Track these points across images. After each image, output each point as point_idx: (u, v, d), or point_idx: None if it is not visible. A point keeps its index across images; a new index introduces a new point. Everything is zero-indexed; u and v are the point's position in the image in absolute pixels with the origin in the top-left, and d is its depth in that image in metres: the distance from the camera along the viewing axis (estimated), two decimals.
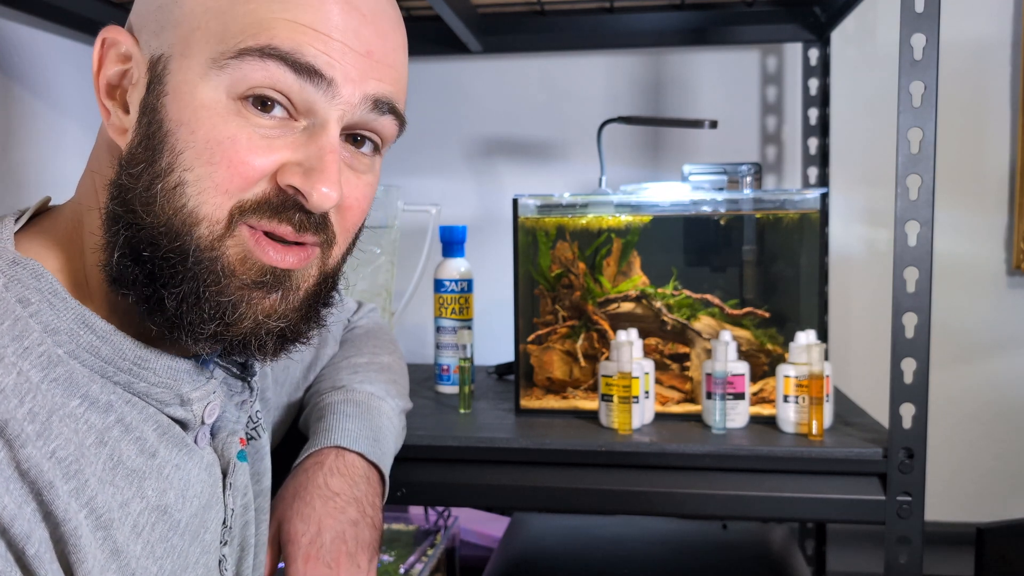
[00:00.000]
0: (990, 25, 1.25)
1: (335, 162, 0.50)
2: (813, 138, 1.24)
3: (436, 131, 1.39)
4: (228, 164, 0.48)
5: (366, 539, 0.64)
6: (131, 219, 0.48)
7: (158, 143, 0.48)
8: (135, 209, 0.48)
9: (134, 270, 0.48)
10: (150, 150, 0.48)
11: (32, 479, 0.44)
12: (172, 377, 0.52)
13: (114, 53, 0.50)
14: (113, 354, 0.49)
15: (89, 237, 0.51)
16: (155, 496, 0.51)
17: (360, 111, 0.52)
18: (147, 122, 0.49)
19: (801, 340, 0.88)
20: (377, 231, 1.07)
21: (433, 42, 1.29)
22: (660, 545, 1.15)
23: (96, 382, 0.49)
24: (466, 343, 0.97)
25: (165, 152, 0.48)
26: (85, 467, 0.47)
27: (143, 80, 0.49)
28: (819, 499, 0.82)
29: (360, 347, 0.82)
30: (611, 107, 1.33)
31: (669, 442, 0.85)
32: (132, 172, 0.49)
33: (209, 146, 0.48)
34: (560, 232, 1.00)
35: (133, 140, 0.49)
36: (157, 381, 0.51)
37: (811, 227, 0.95)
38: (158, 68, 0.49)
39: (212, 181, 0.48)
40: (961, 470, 1.29)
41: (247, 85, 0.48)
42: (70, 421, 0.47)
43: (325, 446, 0.68)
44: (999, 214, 1.27)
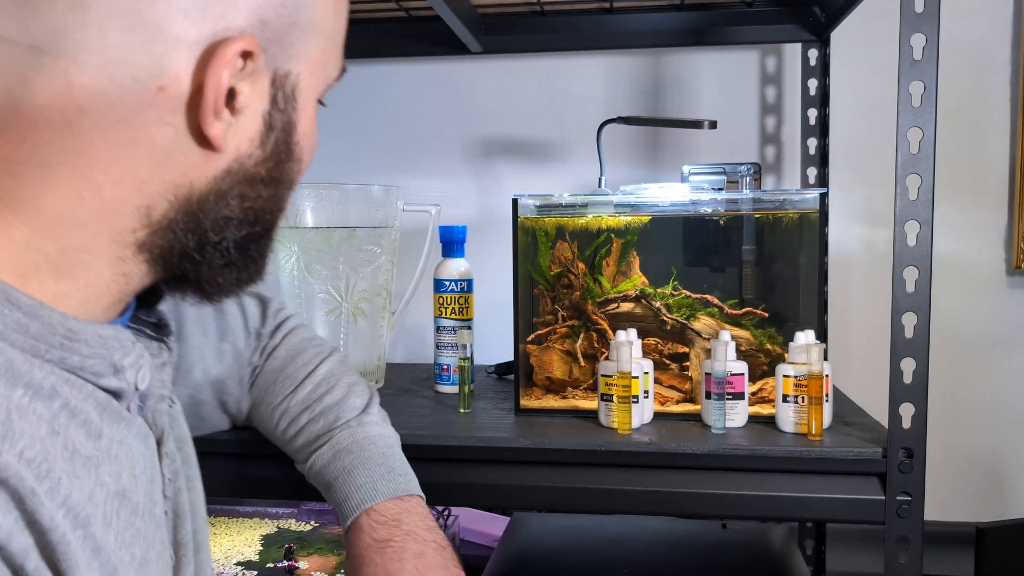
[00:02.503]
0: (990, 25, 1.25)
1: None
2: (812, 138, 1.24)
3: (436, 131, 1.39)
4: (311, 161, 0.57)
5: (437, 561, 0.68)
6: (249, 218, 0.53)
7: (286, 156, 0.53)
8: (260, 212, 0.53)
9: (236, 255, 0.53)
10: (280, 163, 0.53)
11: (12, 488, 0.42)
12: (103, 345, 0.49)
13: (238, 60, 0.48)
14: (42, 329, 0.46)
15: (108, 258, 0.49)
16: (112, 481, 0.48)
17: None
18: (275, 137, 0.52)
19: (800, 340, 0.88)
20: (377, 231, 1.07)
21: (433, 42, 1.29)
22: (660, 545, 1.15)
23: (34, 365, 0.46)
24: (466, 343, 0.97)
25: (294, 164, 0.54)
26: (53, 464, 0.44)
27: (265, 93, 0.50)
28: (818, 499, 0.82)
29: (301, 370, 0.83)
30: (611, 107, 1.33)
31: (668, 442, 0.85)
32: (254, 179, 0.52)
33: (313, 153, 0.57)
34: (560, 232, 1.00)
35: (256, 155, 0.51)
36: (90, 352, 0.48)
37: (810, 227, 0.96)
38: (288, 86, 0.52)
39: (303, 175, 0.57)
40: (961, 470, 1.29)
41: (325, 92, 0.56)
42: (24, 415, 0.44)
43: (353, 516, 0.71)
44: (999, 214, 1.27)
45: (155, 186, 0.48)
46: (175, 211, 0.49)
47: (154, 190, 0.48)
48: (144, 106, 0.46)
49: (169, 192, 0.48)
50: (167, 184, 0.48)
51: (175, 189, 0.49)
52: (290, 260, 1.07)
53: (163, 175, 0.48)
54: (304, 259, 1.05)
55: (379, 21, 1.29)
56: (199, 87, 0.47)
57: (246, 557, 1.09)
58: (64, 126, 0.45)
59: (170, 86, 0.46)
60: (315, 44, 0.52)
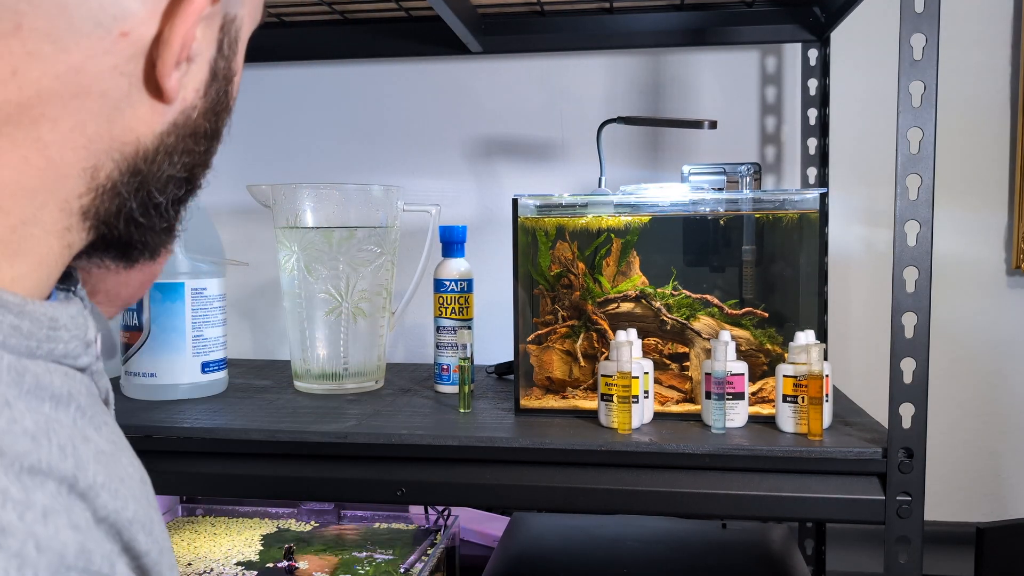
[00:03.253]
0: (990, 25, 1.25)
1: None
2: (812, 138, 1.24)
3: (436, 131, 1.39)
4: None
5: None
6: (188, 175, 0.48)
7: (224, 107, 0.48)
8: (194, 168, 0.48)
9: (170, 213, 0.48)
10: (219, 113, 0.48)
11: (111, 523, 0.39)
12: (77, 326, 0.46)
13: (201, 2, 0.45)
14: (32, 326, 0.43)
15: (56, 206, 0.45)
16: (134, 470, 0.45)
17: None
18: (217, 87, 0.47)
19: (800, 340, 0.88)
20: (377, 231, 1.07)
21: (433, 42, 1.29)
22: (660, 545, 1.15)
23: (41, 368, 0.42)
24: (466, 343, 0.97)
25: (228, 114, 0.49)
26: (110, 478, 0.41)
27: (213, 39, 0.46)
28: (818, 499, 0.82)
29: None
30: (611, 107, 1.33)
31: (668, 442, 0.85)
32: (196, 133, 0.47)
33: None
34: (560, 232, 1.00)
35: (200, 106, 0.47)
36: (70, 337, 0.45)
37: (810, 227, 0.96)
38: (233, 28, 0.47)
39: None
40: (961, 470, 1.29)
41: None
42: (68, 433, 0.40)
43: None
44: (999, 214, 1.27)
45: (102, 143, 0.43)
46: (120, 171, 0.44)
47: (100, 147, 0.43)
48: (102, 53, 0.41)
49: (115, 150, 0.44)
50: (113, 140, 0.43)
51: (121, 146, 0.44)
52: (290, 260, 1.07)
53: (111, 130, 0.43)
54: (304, 259, 1.05)
55: (379, 21, 1.30)
56: (160, 33, 0.42)
57: (246, 557, 1.09)
58: (9, 75, 0.40)
59: (133, 32, 0.41)
60: None
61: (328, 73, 1.41)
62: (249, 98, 1.43)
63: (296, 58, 1.38)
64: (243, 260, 1.39)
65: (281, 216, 1.07)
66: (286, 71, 1.42)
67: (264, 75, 1.42)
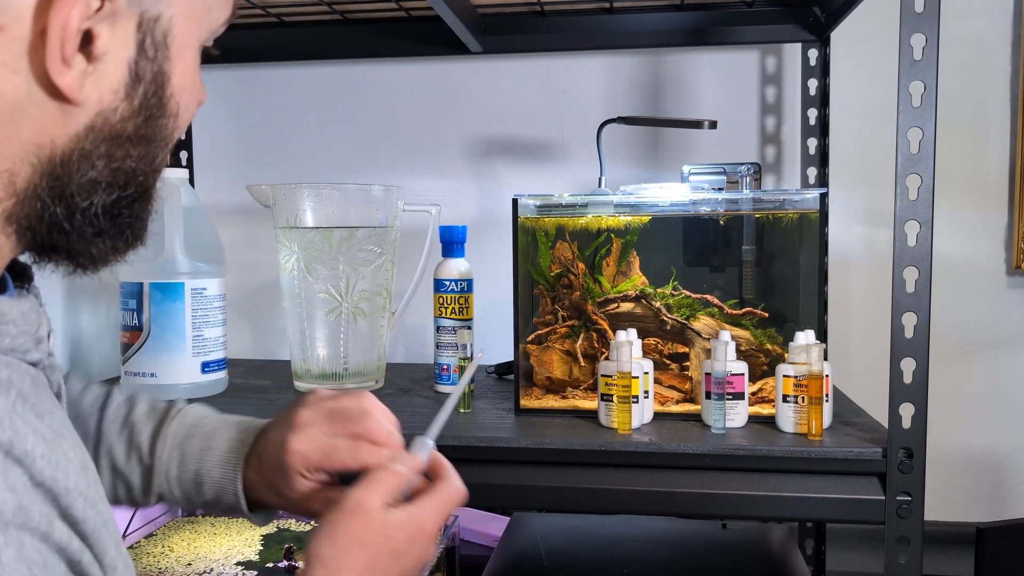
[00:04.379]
0: (990, 25, 1.25)
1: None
2: (812, 138, 1.24)
3: (436, 131, 1.39)
4: (191, 118, 0.51)
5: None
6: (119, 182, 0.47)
7: (158, 110, 0.48)
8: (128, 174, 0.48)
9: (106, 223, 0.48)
10: (151, 118, 0.47)
11: (48, 488, 0.41)
12: (26, 321, 0.47)
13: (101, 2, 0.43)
14: None
15: None
16: (76, 455, 0.46)
17: None
18: (144, 90, 0.46)
19: (800, 340, 0.88)
20: (377, 231, 1.07)
21: (433, 42, 1.29)
22: (660, 545, 1.15)
23: None
24: (466, 343, 0.97)
25: (169, 117, 0.48)
26: (50, 452, 0.43)
27: (131, 38, 0.45)
28: (818, 499, 0.82)
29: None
30: (611, 107, 1.33)
31: (668, 442, 0.85)
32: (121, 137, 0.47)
33: (194, 110, 0.51)
34: (560, 232, 1.00)
35: (122, 108, 0.46)
36: (18, 332, 0.46)
37: (810, 227, 0.96)
38: (157, 31, 0.46)
39: (180, 133, 0.51)
40: (961, 470, 1.29)
41: (210, 40, 0.51)
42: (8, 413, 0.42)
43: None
44: (999, 214, 1.27)
45: (13, 146, 0.43)
46: (39, 176, 0.44)
47: (13, 151, 0.43)
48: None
49: (30, 154, 0.43)
50: (26, 144, 0.43)
51: (36, 150, 0.44)
52: (290, 260, 1.07)
53: (20, 133, 0.43)
54: (304, 259, 1.05)
55: (379, 21, 1.30)
56: (43, 29, 0.41)
57: (246, 557, 1.09)
58: None
59: (10, 26, 0.41)
60: None
61: (328, 73, 1.41)
62: (249, 98, 1.43)
63: (296, 58, 1.38)
64: (243, 260, 1.39)
65: (281, 216, 1.07)
66: (286, 71, 1.42)
67: (264, 75, 1.42)
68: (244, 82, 1.43)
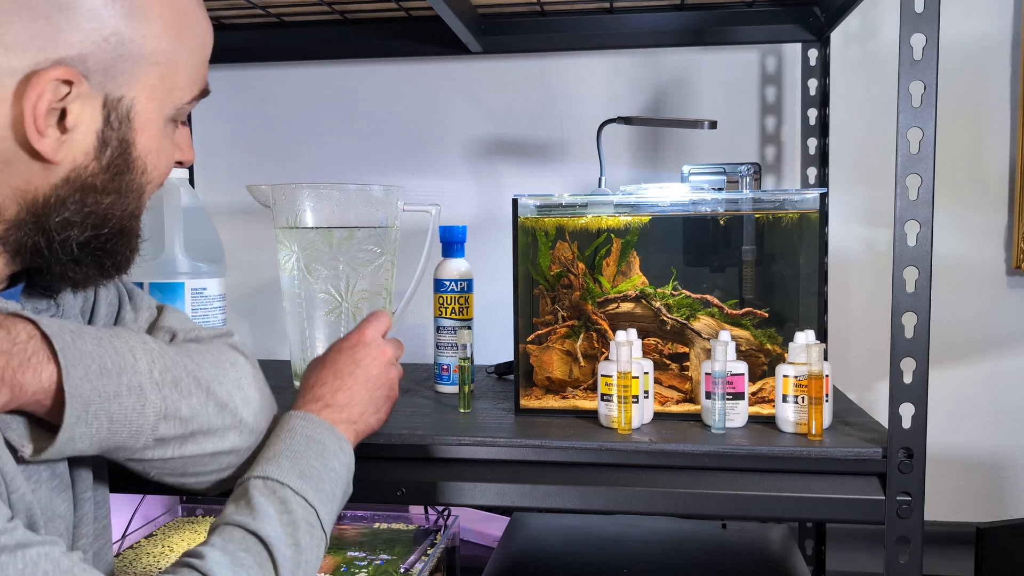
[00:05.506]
0: (990, 25, 1.25)
1: (188, 135, 0.70)
2: (812, 138, 1.24)
3: (436, 131, 1.39)
4: (167, 170, 0.66)
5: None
6: (92, 223, 0.61)
7: (126, 168, 0.62)
8: (100, 216, 0.61)
9: (87, 257, 0.62)
10: (118, 175, 0.61)
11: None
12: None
13: (56, 86, 0.57)
14: None
15: None
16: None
17: None
18: (111, 152, 0.61)
19: (800, 340, 0.88)
20: (377, 231, 1.07)
21: (433, 42, 1.29)
22: (660, 545, 1.15)
23: None
24: (466, 343, 0.97)
25: (135, 174, 0.62)
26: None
27: (98, 114, 0.59)
28: (818, 499, 0.82)
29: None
30: (611, 107, 1.33)
31: (668, 442, 0.85)
32: (95, 188, 0.61)
33: (167, 165, 0.66)
34: (560, 232, 1.00)
35: (92, 166, 0.60)
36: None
37: (810, 227, 0.96)
38: (121, 109, 0.60)
39: (157, 183, 0.66)
40: (961, 470, 1.29)
41: (181, 113, 0.65)
42: None
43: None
44: (999, 214, 1.27)
45: (3, 189, 0.58)
46: (24, 212, 0.59)
47: (4, 192, 0.58)
48: None
49: (18, 196, 0.59)
50: (15, 189, 0.58)
51: (22, 193, 0.59)
52: (290, 260, 1.07)
53: (9, 181, 0.58)
54: (304, 259, 1.05)
55: (379, 21, 1.30)
56: (21, 111, 0.56)
57: None
58: None
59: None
60: (151, 73, 0.61)
61: (328, 73, 1.41)
62: (249, 98, 1.43)
63: (296, 58, 1.38)
64: (243, 260, 1.39)
65: (281, 216, 1.07)
66: (286, 71, 1.42)
67: (264, 75, 1.42)
68: (244, 82, 1.43)
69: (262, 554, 0.63)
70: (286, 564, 0.64)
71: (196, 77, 0.65)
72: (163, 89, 0.62)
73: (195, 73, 0.65)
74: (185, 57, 0.63)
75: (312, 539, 0.67)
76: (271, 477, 0.68)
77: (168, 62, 0.62)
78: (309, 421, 0.74)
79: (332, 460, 0.72)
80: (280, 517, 0.65)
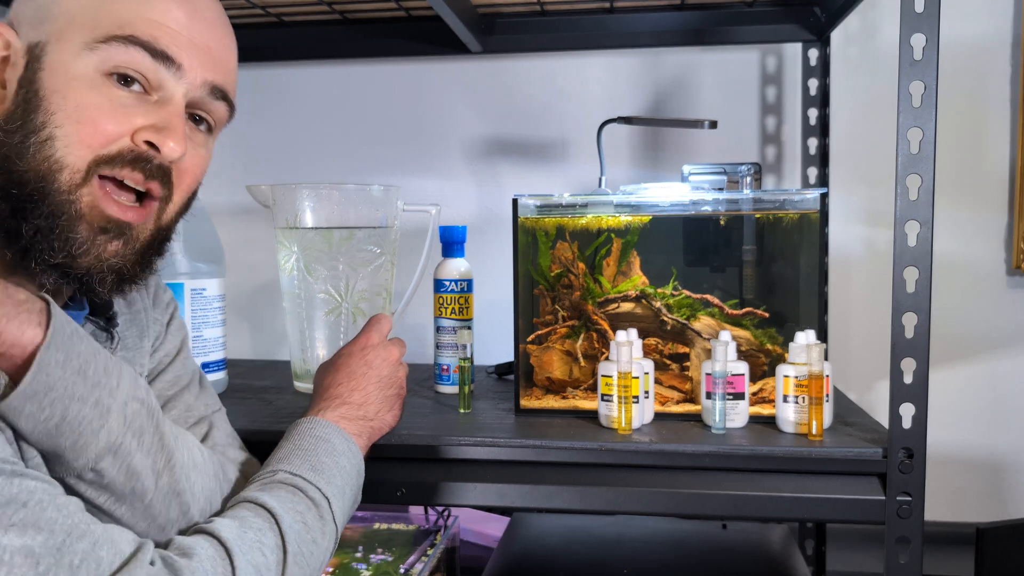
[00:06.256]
0: (990, 25, 1.25)
1: (181, 124, 0.64)
2: (813, 138, 1.24)
3: (436, 131, 1.39)
4: (92, 124, 0.61)
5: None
6: (5, 165, 0.60)
7: (33, 107, 0.60)
8: (8, 156, 0.60)
9: (0, 205, 0.60)
10: (27, 113, 0.60)
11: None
12: None
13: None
14: None
15: None
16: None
17: (200, 92, 0.66)
18: (24, 92, 0.61)
19: (801, 340, 0.88)
20: (377, 231, 1.07)
21: (433, 42, 1.29)
22: (660, 545, 1.15)
23: None
24: (466, 343, 0.97)
25: (40, 113, 0.60)
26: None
27: (21, 62, 0.61)
28: (819, 499, 0.82)
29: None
30: (611, 107, 1.33)
31: (669, 442, 0.85)
32: (8, 129, 0.60)
33: (78, 109, 0.60)
34: (560, 232, 1.00)
35: (10, 107, 0.61)
36: None
37: (811, 227, 0.95)
38: (36, 51, 0.61)
39: (78, 137, 0.60)
40: (961, 470, 1.29)
41: (112, 64, 0.61)
42: None
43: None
44: (999, 214, 1.27)
45: None
46: None
47: None
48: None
49: None
50: None
51: None
52: (290, 260, 1.07)
53: None
54: (304, 259, 1.05)
55: (379, 21, 1.29)
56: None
57: None
58: None
59: None
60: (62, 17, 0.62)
61: (328, 73, 1.41)
62: (249, 98, 1.43)
63: (296, 58, 1.38)
64: (243, 260, 1.39)
65: (281, 216, 1.07)
66: (286, 71, 1.42)
67: (264, 75, 1.42)
68: (244, 82, 1.42)
69: (269, 520, 0.66)
70: (292, 536, 0.66)
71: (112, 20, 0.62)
72: (71, 31, 0.61)
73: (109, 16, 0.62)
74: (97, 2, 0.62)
75: (322, 524, 0.69)
76: (283, 470, 0.71)
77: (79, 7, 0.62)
78: (316, 424, 0.77)
79: (342, 459, 0.75)
80: (291, 495, 0.69)
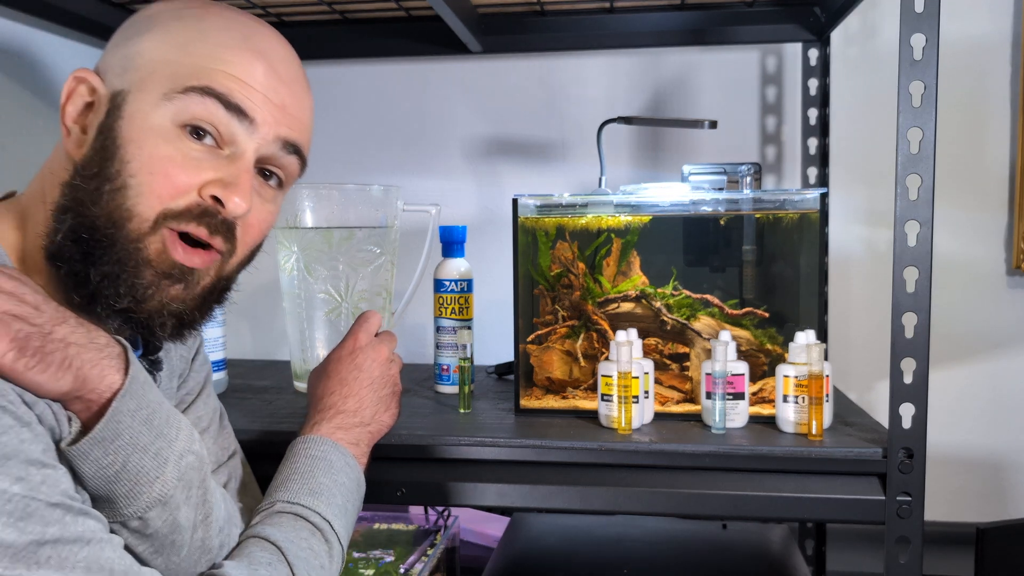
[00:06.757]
0: (990, 25, 1.25)
1: (248, 180, 0.65)
2: (813, 138, 1.24)
3: (436, 131, 1.39)
4: (164, 176, 0.62)
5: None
6: (79, 210, 0.61)
7: (110, 155, 0.61)
8: (83, 201, 0.61)
9: (72, 249, 0.60)
10: (104, 160, 0.61)
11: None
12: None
13: (83, 88, 0.64)
14: None
15: (34, 224, 0.63)
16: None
17: (272, 147, 0.68)
18: (103, 139, 0.62)
19: (800, 340, 0.88)
20: (377, 231, 1.07)
21: (433, 42, 1.29)
22: (660, 545, 1.15)
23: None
24: (466, 343, 0.97)
25: (115, 162, 0.61)
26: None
27: (103, 109, 0.63)
28: (819, 499, 0.82)
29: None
30: (611, 107, 1.33)
31: (669, 442, 0.85)
32: (85, 175, 0.61)
33: (152, 161, 0.61)
34: (560, 232, 1.00)
35: (88, 153, 0.62)
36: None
37: (811, 227, 0.95)
38: (117, 100, 0.63)
39: (149, 188, 0.61)
40: (961, 470, 1.29)
41: (188, 115, 0.62)
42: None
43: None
44: (999, 214, 1.27)
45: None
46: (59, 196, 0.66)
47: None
48: None
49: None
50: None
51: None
52: (290, 260, 1.07)
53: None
54: (304, 259, 1.05)
55: (379, 21, 1.29)
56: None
57: None
58: None
59: None
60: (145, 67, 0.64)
61: (328, 73, 1.41)
62: None
63: None
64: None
65: (281, 216, 1.07)
66: None
67: None
68: None
69: (276, 553, 0.67)
70: (300, 565, 0.67)
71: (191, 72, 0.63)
72: (152, 81, 0.63)
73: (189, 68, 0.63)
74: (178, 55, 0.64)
75: (328, 547, 0.71)
76: (281, 500, 0.72)
77: (161, 59, 0.64)
78: (312, 443, 0.77)
79: (340, 475, 0.76)
80: (293, 523, 0.70)
